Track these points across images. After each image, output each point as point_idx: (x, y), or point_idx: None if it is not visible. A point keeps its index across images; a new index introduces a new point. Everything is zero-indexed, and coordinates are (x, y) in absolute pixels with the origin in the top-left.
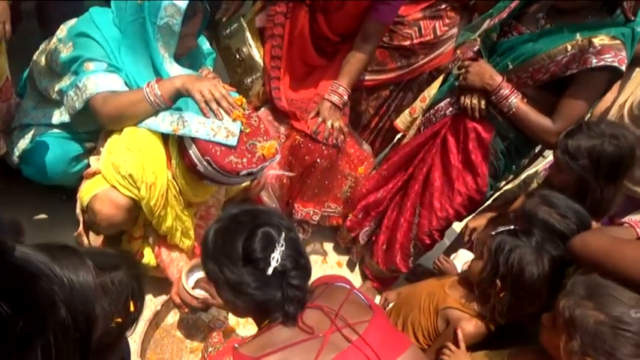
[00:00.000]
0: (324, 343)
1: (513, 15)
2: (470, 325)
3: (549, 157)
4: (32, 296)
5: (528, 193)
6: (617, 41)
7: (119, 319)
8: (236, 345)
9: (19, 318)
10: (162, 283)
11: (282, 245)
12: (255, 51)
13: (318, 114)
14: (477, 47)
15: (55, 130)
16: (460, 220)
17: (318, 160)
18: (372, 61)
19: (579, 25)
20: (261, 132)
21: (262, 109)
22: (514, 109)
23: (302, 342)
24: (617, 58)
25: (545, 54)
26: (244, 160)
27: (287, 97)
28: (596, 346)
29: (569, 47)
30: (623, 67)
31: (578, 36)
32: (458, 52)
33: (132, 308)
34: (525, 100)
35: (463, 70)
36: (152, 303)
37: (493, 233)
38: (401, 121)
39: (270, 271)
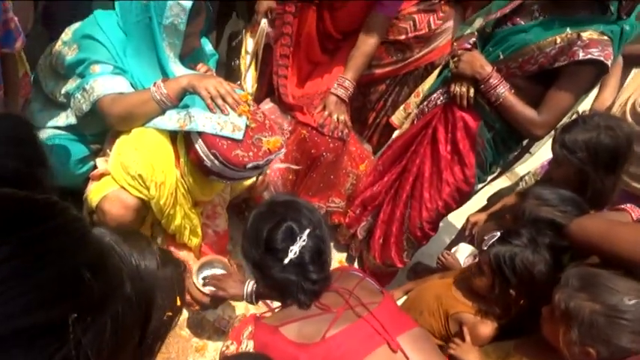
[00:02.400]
0: (337, 317)
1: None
2: (487, 329)
3: (536, 153)
4: (105, 268)
5: (521, 193)
6: (605, 37)
7: (170, 313)
8: (258, 315)
9: (96, 283)
10: None
11: (305, 241)
12: (243, 70)
13: (324, 108)
14: (474, 40)
15: (61, 132)
16: (448, 213)
17: (324, 154)
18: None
19: (571, 18)
20: (267, 127)
21: (265, 105)
22: (501, 99)
23: (317, 315)
24: (604, 53)
25: (535, 45)
26: (250, 153)
27: (293, 94)
28: (593, 336)
29: (558, 40)
30: (609, 63)
31: (568, 29)
32: (455, 45)
33: (178, 302)
34: (513, 91)
35: (456, 58)
36: None
37: (485, 248)
38: (396, 118)
39: (286, 261)
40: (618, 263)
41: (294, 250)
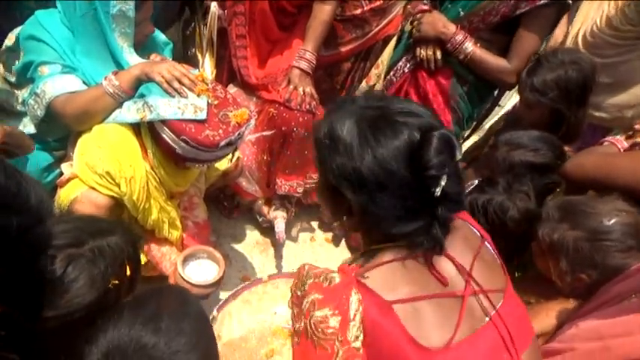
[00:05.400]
0: (463, 307)
1: None
2: None
3: (506, 105)
4: None
5: (490, 145)
6: None
7: (116, 281)
8: (354, 275)
9: None
10: (150, 282)
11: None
12: (200, 57)
13: (288, 82)
14: (427, 0)
15: None
16: None
17: (295, 129)
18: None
19: None
20: (230, 102)
21: (230, 90)
22: (470, 54)
23: (438, 296)
24: None
25: None
26: (220, 131)
27: (255, 75)
28: (582, 263)
29: None
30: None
31: None
32: (409, 7)
33: (128, 272)
34: (479, 44)
35: (416, 22)
36: None
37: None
38: (360, 92)
39: (438, 189)
40: (619, 192)
41: (445, 172)
